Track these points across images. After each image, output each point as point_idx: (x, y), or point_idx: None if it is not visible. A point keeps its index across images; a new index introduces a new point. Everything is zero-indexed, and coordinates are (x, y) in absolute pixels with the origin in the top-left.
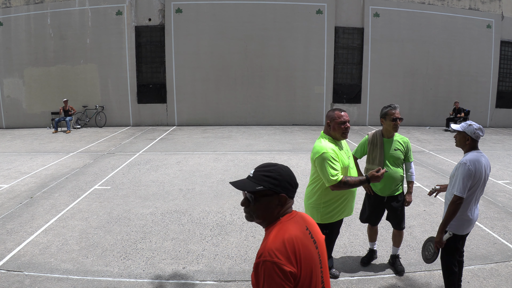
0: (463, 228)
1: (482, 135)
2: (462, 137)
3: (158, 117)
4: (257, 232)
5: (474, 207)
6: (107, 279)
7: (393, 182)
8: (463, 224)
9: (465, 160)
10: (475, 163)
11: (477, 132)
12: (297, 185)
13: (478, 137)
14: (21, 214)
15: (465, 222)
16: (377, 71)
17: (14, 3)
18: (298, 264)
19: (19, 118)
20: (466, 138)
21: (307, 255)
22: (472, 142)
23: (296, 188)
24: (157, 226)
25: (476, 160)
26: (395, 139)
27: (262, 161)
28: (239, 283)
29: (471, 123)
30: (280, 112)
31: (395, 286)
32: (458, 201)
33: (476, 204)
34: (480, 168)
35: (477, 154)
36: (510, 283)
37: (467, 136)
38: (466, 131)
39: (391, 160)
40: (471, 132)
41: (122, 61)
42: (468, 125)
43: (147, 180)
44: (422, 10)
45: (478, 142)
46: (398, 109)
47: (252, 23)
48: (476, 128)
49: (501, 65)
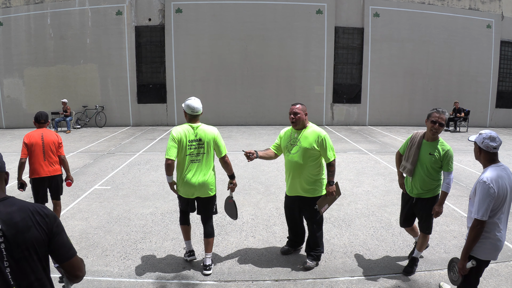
0: (489, 253)
1: (494, 145)
2: (475, 149)
3: (158, 117)
4: (257, 232)
5: (502, 228)
6: (107, 279)
7: (422, 184)
8: (489, 248)
9: (485, 178)
10: (497, 180)
11: (485, 142)
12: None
13: (488, 147)
14: None
15: (492, 245)
16: (377, 71)
17: (14, 3)
18: None
19: (19, 118)
20: (478, 150)
21: None
22: (486, 155)
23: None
24: (157, 226)
25: (499, 177)
26: (436, 144)
27: (262, 160)
28: (239, 283)
29: (481, 132)
30: (280, 112)
31: (395, 286)
32: (479, 226)
33: (504, 224)
34: (504, 185)
35: (498, 169)
36: (510, 283)
37: (477, 146)
38: (476, 141)
39: (425, 163)
40: (479, 141)
41: (122, 61)
42: (478, 134)
43: (147, 180)
44: (422, 10)
45: (495, 154)
46: (444, 114)
47: (252, 23)
48: (485, 136)
49: (501, 65)
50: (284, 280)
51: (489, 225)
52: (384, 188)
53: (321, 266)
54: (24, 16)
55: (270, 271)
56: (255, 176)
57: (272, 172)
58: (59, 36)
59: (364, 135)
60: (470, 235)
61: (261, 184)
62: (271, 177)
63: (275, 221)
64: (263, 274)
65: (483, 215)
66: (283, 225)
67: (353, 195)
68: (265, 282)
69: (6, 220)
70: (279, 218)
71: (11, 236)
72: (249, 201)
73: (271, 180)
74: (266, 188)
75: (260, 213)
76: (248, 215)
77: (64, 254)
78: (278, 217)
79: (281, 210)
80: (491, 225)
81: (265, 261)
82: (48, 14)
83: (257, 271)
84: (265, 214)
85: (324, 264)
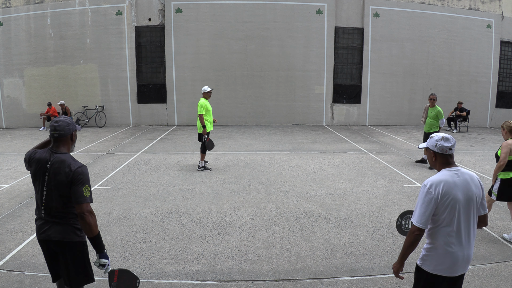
0: (438, 266)
1: (449, 145)
2: (428, 155)
3: (158, 117)
4: (257, 232)
5: (454, 242)
6: (107, 279)
7: (429, 126)
8: (438, 262)
9: (427, 180)
10: (439, 184)
11: (439, 144)
12: None
13: (443, 149)
14: (21, 214)
15: (441, 259)
16: (377, 71)
17: (14, 3)
18: None
19: (19, 118)
20: (432, 155)
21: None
22: (442, 158)
23: None
24: (157, 226)
25: (443, 181)
26: (434, 109)
27: (262, 161)
28: (239, 283)
29: (433, 135)
30: (280, 112)
31: (395, 286)
32: (416, 233)
33: (459, 239)
34: (449, 191)
35: (447, 173)
36: (510, 283)
37: (431, 151)
38: (428, 145)
39: (430, 116)
40: (432, 145)
41: (122, 61)
42: (430, 138)
43: (147, 180)
44: (422, 10)
45: (450, 157)
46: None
47: (252, 23)
48: (438, 139)
49: (501, 65)
50: (284, 280)
51: (435, 235)
52: (384, 188)
53: (321, 266)
54: (24, 16)
55: (270, 271)
56: (255, 176)
57: (272, 172)
58: (59, 36)
59: (364, 135)
60: (406, 240)
61: (261, 184)
62: (271, 177)
63: (275, 221)
64: (263, 274)
65: (421, 221)
66: (283, 225)
67: (353, 195)
68: (265, 282)
69: (53, 164)
70: (279, 218)
71: (50, 174)
72: (249, 201)
73: (271, 180)
74: (266, 188)
75: (260, 213)
76: (248, 215)
77: (76, 198)
78: (278, 217)
79: (281, 210)
80: (438, 236)
81: (265, 261)
82: (48, 14)
83: (257, 271)
84: (265, 214)
85: (324, 264)
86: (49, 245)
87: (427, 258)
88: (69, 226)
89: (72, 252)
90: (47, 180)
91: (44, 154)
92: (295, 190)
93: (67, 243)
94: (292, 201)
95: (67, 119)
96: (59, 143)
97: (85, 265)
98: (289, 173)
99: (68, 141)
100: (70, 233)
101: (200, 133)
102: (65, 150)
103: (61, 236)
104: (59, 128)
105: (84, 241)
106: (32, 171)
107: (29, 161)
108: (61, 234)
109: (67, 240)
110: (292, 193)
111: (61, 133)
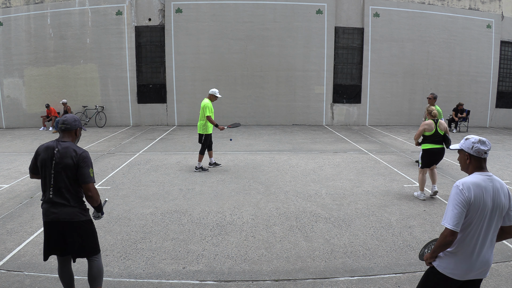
0: (451, 269)
1: (485, 149)
2: (462, 157)
3: (158, 117)
4: (257, 232)
5: (476, 246)
6: (107, 279)
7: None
8: (453, 265)
9: (459, 181)
10: (471, 187)
11: (476, 146)
12: None
13: (479, 152)
14: (21, 214)
15: (457, 263)
16: (377, 71)
17: (14, 3)
18: None
19: (19, 118)
20: (466, 157)
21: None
22: (475, 161)
23: None
24: (157, 226)
25: (475, 184)
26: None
27: (262, 161)
28: (239, 283)
29: (468, 137)
30: (280, 112)
31: (395, 286)
32: (448, 237)
33: (480, 242)
34: (480, 195)
35: (480, 177)
36: (510, 283)
37: (466, 153)
38: (463, 147)
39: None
40: (468, 147)
41: (122, 61)
42: (465, 139)
43: (147, 180)
44: (422, 10)
45: (484, 161)
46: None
47: (252, 23)
48: (475, 141)
49: (501, 65)
50: (284, 280)
51: (457, 240)
52: (384, 188)
53: (321, 266)
54: (24, 16)
55: (270, 271)
56: (255, 176)
57: (272, 172)
58: (59, 36)
59: (364, 135)
60: (438, 241)
61: (261, 184)
62: (271, 177)
63: (275, 221)
64: (263, 274)
65: (453, 223)
66: (283, 225)
67: (353, 195)
68: (265, 282)
69: (59, 149)
70: (279, 218)
71: (58, 159)
72: (249, 201)
73: (271, 180)
74: (266, 188)
75: (260, 213)
76: (248, 215)
77: (83, 179)
78: (278, 217)
79: (281, 210)
80: (461, 242)
81: (265, 261)
82: (48, 14)
83: (257, 271)
84: (265, 214)
85: (324, 264)
86: (56, 226)
87: (443, 260)
88: (76, 208)
89: (83, 229)
90: (55, 164)
91: (51, 143)
92: (295, 190)
93: (75, 222)
94: (292, 201)
95: (75, 116)
96: (65, 135)
97: (95, 239)
98: (289, 173)
99: (73, 134)
100: (78, 213)
101: (200, 134)
102: (70, 141)
103: (70, 217)
104: (66, 122)
105: (90, 219)
106: (40, 158)
107: (38, 150)
108: (70, 216)
109: (75, 220)
110: (292, 193)
111: (67, 126)
